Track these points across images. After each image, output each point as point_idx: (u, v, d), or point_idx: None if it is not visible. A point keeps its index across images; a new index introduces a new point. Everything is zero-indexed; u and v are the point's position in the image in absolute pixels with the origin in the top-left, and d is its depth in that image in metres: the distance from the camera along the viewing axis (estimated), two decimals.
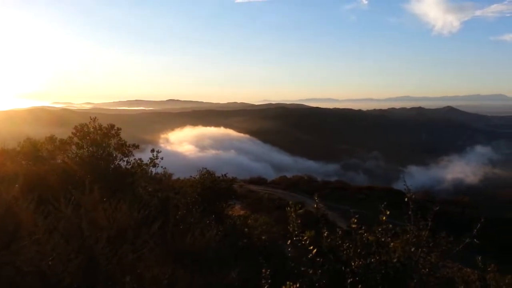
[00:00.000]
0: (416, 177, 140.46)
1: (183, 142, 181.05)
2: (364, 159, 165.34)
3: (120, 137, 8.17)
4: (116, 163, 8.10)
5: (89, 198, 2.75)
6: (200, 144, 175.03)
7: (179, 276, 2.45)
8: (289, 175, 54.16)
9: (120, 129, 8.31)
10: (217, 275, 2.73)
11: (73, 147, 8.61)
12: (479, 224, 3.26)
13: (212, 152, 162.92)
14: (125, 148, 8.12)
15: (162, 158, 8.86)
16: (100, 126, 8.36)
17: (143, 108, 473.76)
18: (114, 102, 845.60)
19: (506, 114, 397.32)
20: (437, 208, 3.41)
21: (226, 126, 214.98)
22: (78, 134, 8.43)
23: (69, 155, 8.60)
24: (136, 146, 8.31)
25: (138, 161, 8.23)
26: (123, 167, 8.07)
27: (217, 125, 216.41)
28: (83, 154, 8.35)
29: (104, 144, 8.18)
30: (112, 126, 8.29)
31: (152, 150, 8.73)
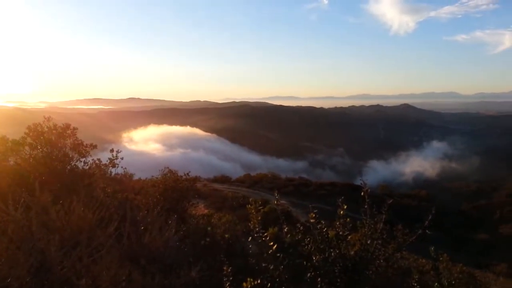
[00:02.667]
0: (379, 171, 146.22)
1: (148, 141, 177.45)
2: (330, 156, 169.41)
3: (76, 137, 7.88)
4: (73, 164, 7.81)
5: (40, 200, 2.64)
6: (167, 143, 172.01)
7: (136, 277, 2.41)
8: (254, 173, 54.26)
9: (77, 128, 8.00)
10: (176, 275, 2.70)
11: (27, 147, 8.21)
12: (430, 216, 3.42)
13: (180, 151, 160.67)
14: (82, 148, 7.83)
15: (122, 158, 8.62)
16: (55, 125, 8.02)
17: (102, 106, 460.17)
18: (70, 100, 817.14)
19: (458, 111, 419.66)
20: (391, 202, 3.54)
21: (191, 124, 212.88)
22: (31, 134, 8.05)
23: (22, 156, 8.20)
24: (94, 146, 8.03)
25: (96, 162, 7.97)
26: (80, 168, 7.78)
27: (181, 123, 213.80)
28: (37, 155, 7.99)
29: (59, 145, 7.86)
30: (68, 126, 7.97)
31: (112, 150, 8.47)
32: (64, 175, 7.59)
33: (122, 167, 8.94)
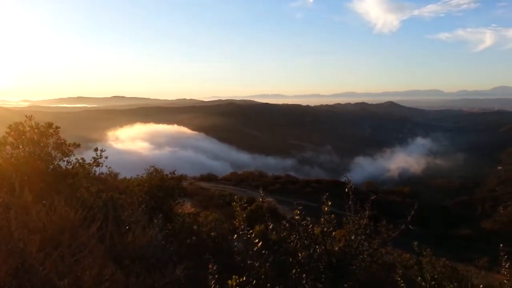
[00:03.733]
0: (365, 168, 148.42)
1: (135, 140, 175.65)
2: (317, 154, 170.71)
3: (59, 136, 7.73)
4: (56, 164, 7.67)
5: (20, 200, 2.58)
6: (155, 142, 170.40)
7: (119, 277, 2.38)
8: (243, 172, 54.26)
9: (59, 127, 7.85)
10: (161, 274, 2.68)
11: (8, 147, 8.04)
12: (412, 212, 3.47)
13: (168, 149, 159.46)
14: (65, 148, 7.70)
15: (106, 157, 8.50)
16: (37, 124, 7.86)
17: (86, 105, 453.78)
18: (53, 99, 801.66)
19: (442, 108, 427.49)
20: (374, 198, 3.58)
21: (177, 123, 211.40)
22: (12, 133, 7.88)
23: (3, 156, 8.03)
24: (77, 145, 7.90)
25: (80, 161, 7.84)
26: (63, 167, 7.65)
27: (167, 122, 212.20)
28: (19, 154, 7.83)
29: (41, 144, 7.72)
30: (50, 125, 7.82)
31: (96, 149, 8.35)
32: (46, 174, 7.46)
33: (106, 166, 8.82)
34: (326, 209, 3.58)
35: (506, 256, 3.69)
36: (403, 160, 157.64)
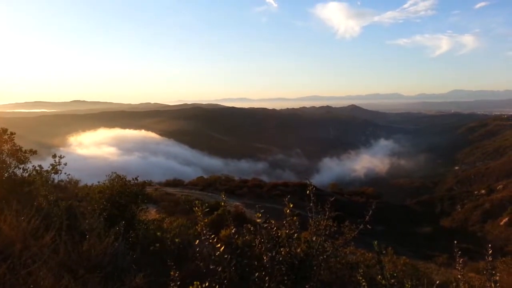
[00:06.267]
0: (333, 169, 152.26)
1: (101, 145, 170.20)
2: (288, 157, 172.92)
3: (14, 143, 7.39)
4: (11, 171, 7.32)
5: None
6: (122, 147, 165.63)
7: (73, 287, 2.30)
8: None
9: (14, 133, 7.51)
10: (120, 282, 2.61)
11: None
12: (370, 211, 3.57)
13: (138, 155, 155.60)
14: (20, 154, 7.37)
15: (65, 164, 8.19)
16: None
17: (45, 110, 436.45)
18: (9, 104, 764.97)
19: (401, 111, 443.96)
20: (333, 199, 3.66)
21: (143, 127, 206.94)
22: None
23: None
24: (34, 152, 7.57)
25: (37, 168, 7.52)
26: (19, 175, 7.32)
27: (131, 126, 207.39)
28: None
29: None
30: (5, 131, 7.47)
31: (54, 156, 8.04)
32: (1, 183, 7.10)
33: (65, 173, 8.50)
34: (288, 211, 3.62)
35: (460, 253, 3.86)
36: (368, 161, 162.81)
